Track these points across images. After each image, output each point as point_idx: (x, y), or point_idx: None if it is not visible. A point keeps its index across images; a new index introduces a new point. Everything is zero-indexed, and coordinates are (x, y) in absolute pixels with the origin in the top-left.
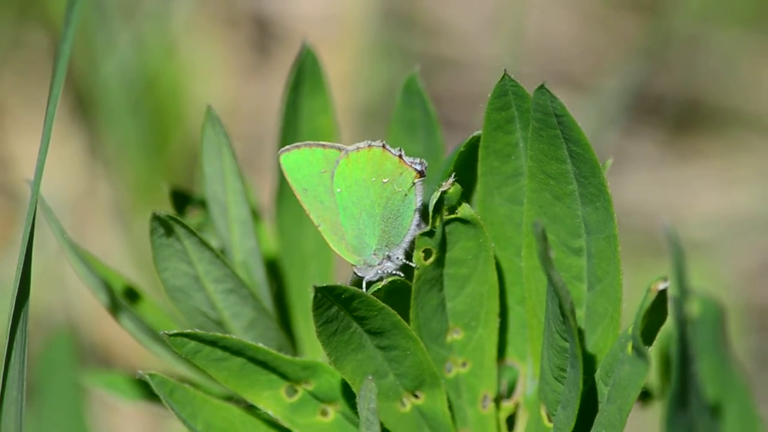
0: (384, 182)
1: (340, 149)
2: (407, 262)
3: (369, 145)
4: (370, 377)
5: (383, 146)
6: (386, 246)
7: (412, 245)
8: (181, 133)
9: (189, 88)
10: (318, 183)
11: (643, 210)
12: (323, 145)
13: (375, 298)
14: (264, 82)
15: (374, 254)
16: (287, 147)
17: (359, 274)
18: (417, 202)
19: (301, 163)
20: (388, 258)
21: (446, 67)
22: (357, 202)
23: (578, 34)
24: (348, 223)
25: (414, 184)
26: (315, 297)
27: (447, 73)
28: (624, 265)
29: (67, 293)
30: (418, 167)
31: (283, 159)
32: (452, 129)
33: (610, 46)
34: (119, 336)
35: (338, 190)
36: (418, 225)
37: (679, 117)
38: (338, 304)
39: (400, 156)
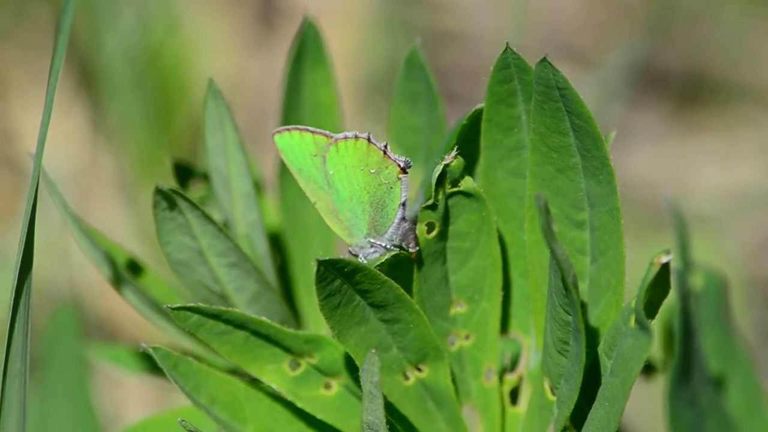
0: (372, 172)
1: (328, 136)
2: (396, 250)
3: (355, 137)
4: (373, 350)
5: (368, 139)
6: (375, 233)
7: (406, 235)
8: (185, 107)
9: (193, 62)
10: (311, 165)
11: (647, 183)
12: (312, 131)
13: (378, 271)
14: (269, 55)
15: (365, 238)
16: (279, 129)
17: (353, 253)
18: (402, 196)
19: (293, 145)
20: (380, 244)
21: (450, 40)
22: (347, 186)
23: (582, 8)
24: (341, 206)
25: (399, 178)
26: (318, 270)
27: (451, 46)
28: (627, 239)
29: (71, 267)
30: (402, 164)
31: (277, 139)
32: (456, 102)
33: (615, 20)
34: (124, 310)
35: (331, 172)
36: (402, 218)
37: (683, 91)
38: (341, 277)
39: (384, 151)
